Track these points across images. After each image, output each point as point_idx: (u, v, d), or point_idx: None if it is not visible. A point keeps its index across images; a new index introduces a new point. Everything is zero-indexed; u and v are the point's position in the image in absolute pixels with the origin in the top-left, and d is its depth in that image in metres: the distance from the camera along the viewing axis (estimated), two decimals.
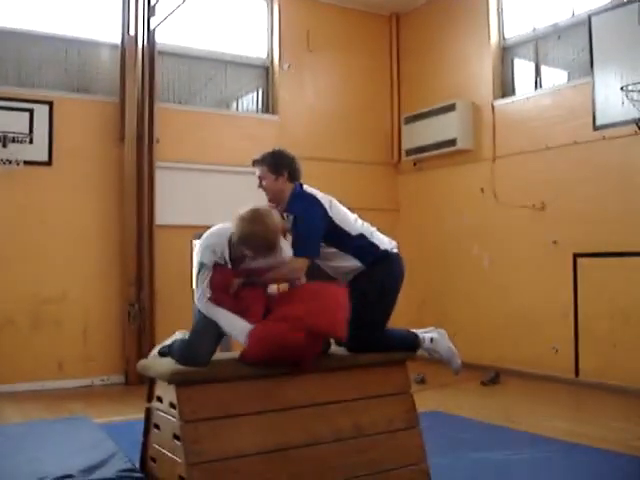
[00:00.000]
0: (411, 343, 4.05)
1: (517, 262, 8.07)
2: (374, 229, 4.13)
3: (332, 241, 3.93)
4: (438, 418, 5.71)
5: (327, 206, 3.97)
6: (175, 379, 3.41)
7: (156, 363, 3.78)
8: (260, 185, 4.10)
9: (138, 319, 7.70)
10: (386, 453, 3.81)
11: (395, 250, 4.13)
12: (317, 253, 3.88)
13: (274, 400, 3.56)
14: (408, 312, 8.91)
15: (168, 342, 3.95)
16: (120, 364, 7.70)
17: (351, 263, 3.98)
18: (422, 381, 7.28)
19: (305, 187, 4.09)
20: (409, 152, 9.35)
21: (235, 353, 3.80)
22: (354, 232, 4.00)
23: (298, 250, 3.82)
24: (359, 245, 3.97)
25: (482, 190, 8.46)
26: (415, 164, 9.46)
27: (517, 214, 8.02)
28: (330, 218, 3.94)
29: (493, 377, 7.47)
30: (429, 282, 9.14)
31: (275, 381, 3.59)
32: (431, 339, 4.06)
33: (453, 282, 8.89)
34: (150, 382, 3.79)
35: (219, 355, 3.81)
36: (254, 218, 3.55)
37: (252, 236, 3.53)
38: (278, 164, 4.03)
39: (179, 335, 3.94)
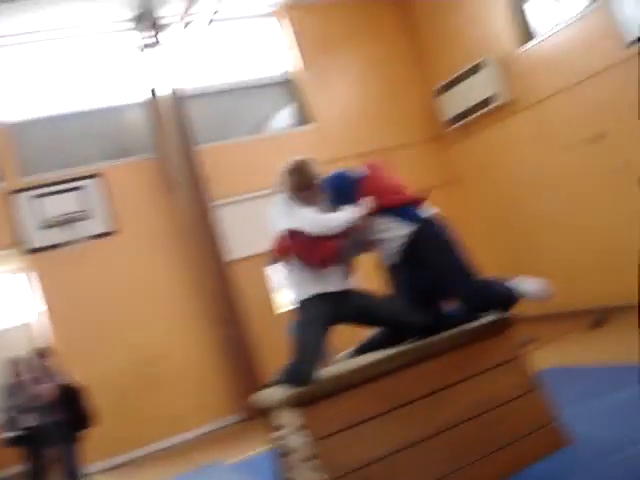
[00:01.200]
0: (508, 292, 3.96)
1: (591, 197, 7.84)
2: None
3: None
4: (557, 374, 5.58)
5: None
6: (296, 402, 3.44)
7: (268, 393, 3.82)
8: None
9: (237, 355, 7.80)
10: (513, 422, 3.77)
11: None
12: None
13: (394, 397, 3.57)
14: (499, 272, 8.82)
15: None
16: (233, 403, 7.80)
17: (400, 231, 3.95)
18: (529, 341, 7.14)
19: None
20: (451, 121, 9.24)
21: (341, 366, 3.82)
22: None
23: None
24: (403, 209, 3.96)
25: (536, 136, 8.28)
26: (460, 131, 9.33)
27: (577, 151, 7.81)
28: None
29: (599, 319, 7.29)
30: (508, 243, 8.99)
31: (390, 379, 3.59)
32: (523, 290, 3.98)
33: (532, 235, 8.71)
34: (267, 413, 3.82)
35: (328, 370, 3.83)
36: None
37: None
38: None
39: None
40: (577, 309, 7.87)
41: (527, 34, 8.36)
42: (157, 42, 8.07)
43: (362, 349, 4.07)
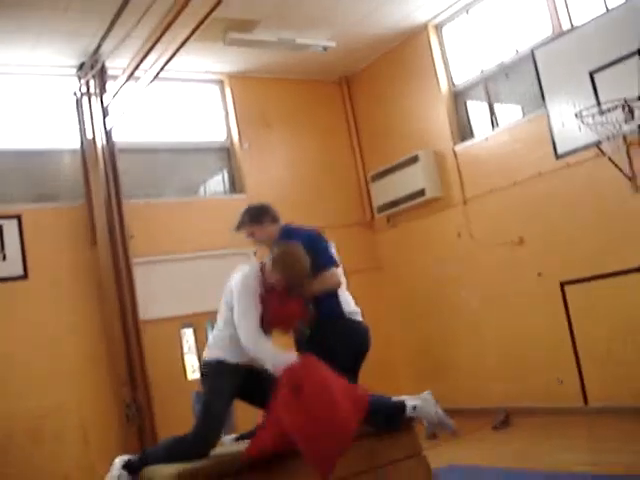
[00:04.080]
0: (395, 408, 3.94)
1: (506, 298, 8.03)
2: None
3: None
4: (456, 472, 5.58)
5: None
6: None
7: (156, 470, 3.67)
8: (255, 240, 4.47)
9: (137, 419, 7.53)
10: None
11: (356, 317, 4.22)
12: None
13: None
14: (406, 365, 8.87)
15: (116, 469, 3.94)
16: None
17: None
18: (434, 436, 7.13)
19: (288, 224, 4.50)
20: (380, 209, 9.39)
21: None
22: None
23: (327, 262, 4.15)
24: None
25: (459, 235, 8.50)
26: (389, 220, 9.50)
27: (497, 252, 8.04)
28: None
29: (503, 420, 7.36)
30: (423, 334, 9.06)
31: (284, 467, 3.49)
32: (414, 407, 3.93)
33: (446, 330, 8.82)
34: None
35: (223, 449, 3.73)
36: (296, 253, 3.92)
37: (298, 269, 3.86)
38: (257, 215, 4.42)
39: (119, 461, 4.01)
40: (483, 407, 7.94)
41: (464, 134, 8.66)
42: (97, 91, 8.03)
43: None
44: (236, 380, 3.76)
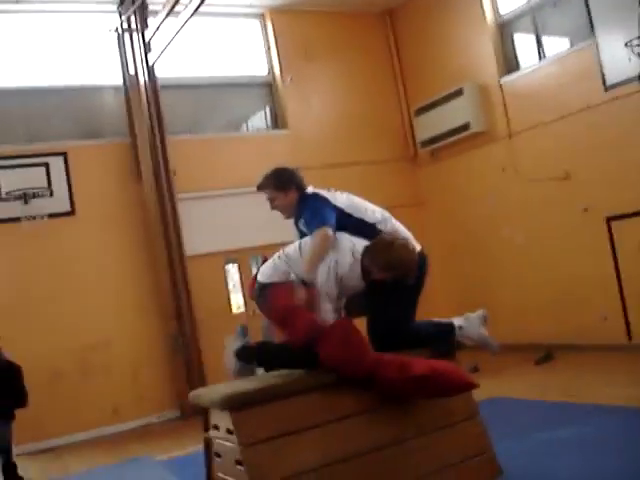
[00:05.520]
0: (445, 332, 3.98)
1: (551, 235, 7.95)
2: (395, 223, 4.08)
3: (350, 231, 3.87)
4: (498, 404, 5.63)
5: (329, 197, 4.01)
6: (228, 404, 3.40)
7: (209, 391, 3.78)
8: (273, 207, 4.16)
9: (184, 351, 7.73)
10: (449, 447, 3.76)
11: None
12: (332, 220, 3.83)
13: (331, 411, 3.53)
14: (450, 302, 8.87)
15: (235, 344, 3.89)
16: (173, 399, 7.72)
17: None
18: (475, 369, 7.19)
19: (308, 190, 4.12)
20: (424, 143, 9.29)
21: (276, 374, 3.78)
22: (370, 220, 3.98)
23: (313, 223, 3.80)
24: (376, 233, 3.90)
25: (503, 170, 8.37)
26: (432, 154, 9.39)
27: (542, 187, 7.90)
28: (336, 206, 3.95)
29: (546, 355, 7.37)
30: (466, 270, 9.06)
31: (329, 392, 3.56)
32: (460, 327, 3.98)
33: (490, 266, 8.79)
34: (205, 411, 3.78)
35: (270, 374, 3.80)
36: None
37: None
38: (283, 181, 4.10)
39: (235, 340, 3.94)
40: (525, 343, 7.94)
41: (510, 66, 8.45)
42: (139, 27, 8.00)
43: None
44: None
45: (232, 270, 8.39)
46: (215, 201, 8.30)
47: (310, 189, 4.14)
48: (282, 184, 4.09)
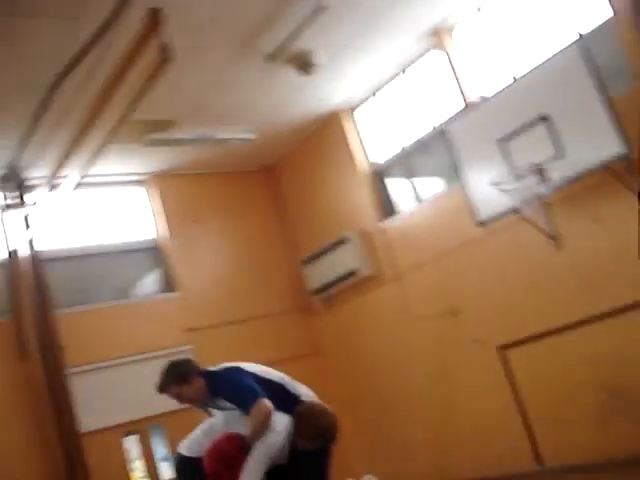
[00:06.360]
0: None
1: (448, 370, 8.02)
2: (296, 383, 4.14)
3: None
4: None
5: (239, 365, 4.03)
6: None
7: None
8: (182, 401, 4.10)
9: None
10: None
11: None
12: (260, 390, 3.81)
13: None
14: (359, 444, 8.71)
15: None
16: None
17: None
18: None
19: (210, 368, 4.13)
20: (316, 292, 9.38)
21: None
22: (280, 382, 4.01)
23: (246, 401, 3.78)
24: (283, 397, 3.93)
25: (394, 311, 8.51)
26: (325, 302, 9.47)
27: (433, 324, 8.07)
28: (249, 372, 3.96)
29: None
30: (372, 414, 8.93)
31: None
32: None
33: (394, 408, 8.70)
34: None
35: None
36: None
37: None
38: (183, 373, 4.06)
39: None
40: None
41: (388, 210, 8.82)
42: (21, 203, 7.94)
43: None
44: None
45: (132, 443, 8.00)
46: (110, 371, 8.01)
47: (210, 369, 4.12)
48: (183, 375, 4.02)
